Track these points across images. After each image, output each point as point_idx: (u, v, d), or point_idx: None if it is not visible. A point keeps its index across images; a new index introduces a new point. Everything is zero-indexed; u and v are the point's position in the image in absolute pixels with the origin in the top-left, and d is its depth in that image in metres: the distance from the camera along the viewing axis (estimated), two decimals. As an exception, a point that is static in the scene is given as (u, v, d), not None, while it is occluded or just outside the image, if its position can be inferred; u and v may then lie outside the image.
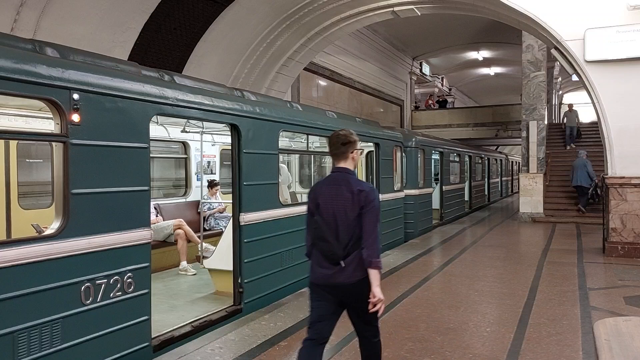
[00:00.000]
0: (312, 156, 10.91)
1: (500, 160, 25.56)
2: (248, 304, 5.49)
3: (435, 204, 13.76)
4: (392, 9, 12.58)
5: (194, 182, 8.65)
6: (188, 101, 4.64)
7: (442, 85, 30.30)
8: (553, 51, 9.51)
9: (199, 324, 4.93)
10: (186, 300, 5.85)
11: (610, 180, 8.70)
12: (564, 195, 15.47)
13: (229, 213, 7.69)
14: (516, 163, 31.23)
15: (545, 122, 16.21)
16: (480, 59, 26.23)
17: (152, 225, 5.42)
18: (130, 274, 3.96)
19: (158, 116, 4.77)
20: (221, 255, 5.96)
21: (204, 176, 8.58)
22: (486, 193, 21.62)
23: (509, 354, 4.26)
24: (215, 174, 9.14)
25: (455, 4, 11.81)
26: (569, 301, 5.89)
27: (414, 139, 11.93)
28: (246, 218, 5.46)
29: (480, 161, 20.06)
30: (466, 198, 17.67)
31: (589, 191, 14.02)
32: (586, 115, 21.50)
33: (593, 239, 10.63)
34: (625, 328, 3.16)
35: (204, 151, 8.48)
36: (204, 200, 7.95)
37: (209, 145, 8.86)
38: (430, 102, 26.99)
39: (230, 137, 5.54)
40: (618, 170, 8.62)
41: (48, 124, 5.23)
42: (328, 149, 3.37)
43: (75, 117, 3.52)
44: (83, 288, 3.58)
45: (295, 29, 12.86)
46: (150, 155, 4.26)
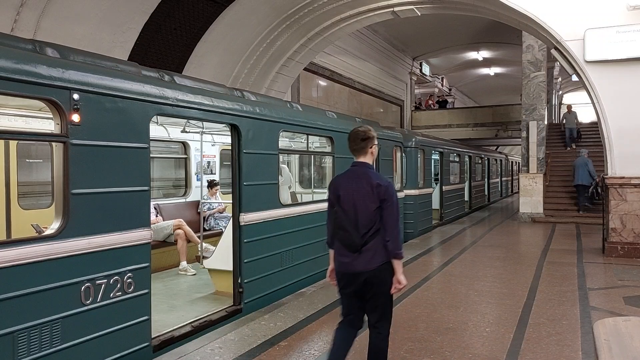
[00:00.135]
0: (312, 156, 10.89)
1: (500, 160, 25.56)
2: (248, 304, 5.50)
3: (435, 204, 13.77)
4: (392, 9, 12.58)
5: (194, 182, 8.65)
6: (188, 101, 4.65)
7: (442, 85, 30.31)
8: (553, 51, 9.51)
9: (199, 324, 4.93)
10: (186, 300, 5.85)
11: (610, 180, 8.69)
12: (563, 195, 15.47)
13: (228, 213, 7.70)
14: (516, 163, 31.23)
15: (545, 122, 16.21)
16: (480, 59, 26.23)
17: (152, 226, 5.43)
18: (130, 274, 3.96)
19: (158, 116, 4.77)
20: (221, 256, 5.97)
21: (204, 176, 8.59)
22: (486, 193, 21.63)
23: (509, 354, 4.27)
24: (215, 174, 9.15)
25: (455, 4, 11.81)
26: (568, 301, 5.90)
27: (413, 139, 11.94)
28: (246, 218, 5.46)
29: (480, 161, 20.06)
30: (466, 198, 17.67)
31: (589, 189, 14.02)
32: (586, 116, 21.51)
33: (593, 239, 10.63)
34: (624, 328, 3.16)
35: (204, 151, 8.48)
36: (203, 201, 7.95)
37: (208, 145, 8.87)
38: (430, 102, 26.99)
39: (230, 137, 5.55)
40: (618, 170, 8.62)
41: (48, 124, 5.23)
42: (348, 144, 3.56)
43: (76, 117, 3.52)
44: (83, 288, 3.59)
45: (295, 29, 12.86)
46: (150, 155, 4.26)
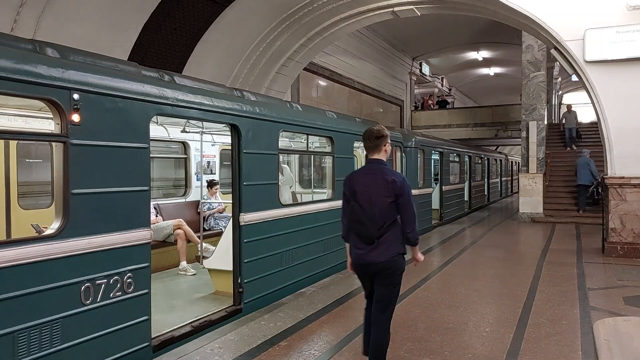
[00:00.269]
0: (312, 156, 10.89)
1: (500, 160, 25.57)
2: (248, 304, 5.50)
3: (435, 204, 13.78)
4: (392, 9, 12.58)
5: (194, 182, 8.65)
6: (188, 101, 4.65)
7: (442, 85, 30.30)
8: (553, 51, 9.51)
9: (199, 324, 4.94)
10: (186, 300, 5.85)
11: (610, 180, 8.69)
12: (563, 195, 15.47)
13: (228, 213, 7.70)
14: (516, 163, 31.23)
15: (545, 122, 16.21)
16: (480, 59, 26.23)
17: (152, 225, 5.42)
18: (130, 274, 3.96)
19: (158, 116, 4.78)
20: (221, 255, 5.97)
21: (204, 176, 8.59)
22: (486, 193, 21.63)
23: (508, 354, 4.27)
24: (215, 174, 9.15)
25: (455, 4, 11.81)
26: (568, 301, 5.90)
27: (413, 139, 11.94)
28: (246, 218, 5.47)
29: (479, 161, 20.06)
30: (466, 198, 17.68)
31: (590, 189, 14.03)
32: (586, 116, 21.50)
33: (592, 239, 10.62)
34: (624, 328, 3.16)
35: (203, 151, 8.48)
36: (203, 200, 7.95)
37: (208, 145, 8.87)
38: (430, 102, 26.99)
39: (230, 137, 5.55)
40: (617, 170, 8.62)
41: (48, 124, 5.23)
42: (363, 143, 3.79)
43: (76, 117, 3.53)
44: (83, 288, 3.59)
45: (295, 29, 12.86)
46: (150, 155, 4.26)
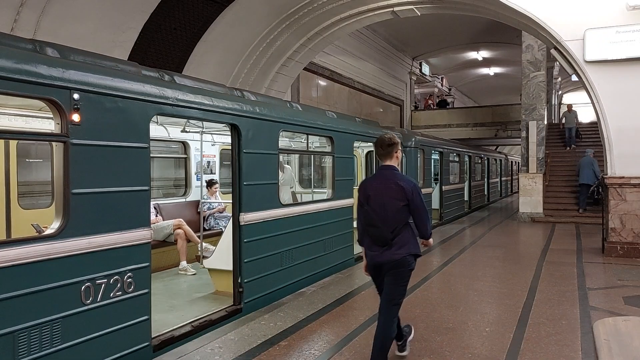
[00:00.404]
0: (312, 156, 10.89)
1: (500, 160, 25.57)
2: (248, 304, 5.50)
3: (435, 203, 13.78)
4: (392, 9, 12.59)
5: (194, 182, 8.65)
6: (188, 101, 4.65)
7: (442, 85, 30.31)
8: (553, 51, 9.51)
9: (199, 323, 4.94)
10: (186, 300, 5.86)
11: (610, 180, 8.69)
12: (563, 195, 15.47)
13: (228, 213, 7.70)
14: (516, 163, 31.23)
15: (545, 122, 16.21)
16: (480, 59, 26.23)
17: (152, 225, 5.43)
18: (130, 274, 3.96)
19: (158, 116, 4.78)
20: (221, 255, 5.97)
21: (204, 176, 8.59)
22: (486, 193, 21.63)
23: (508, 354, 4.27)
24: (215, 174, 9.15)
25: (455, 4, 11.81)
26: (568, 301, 5.90)
27: (413, 139, 11.93)
28: (246, 218, 5.47)
29: (479, 161, 20.06)
30: (466, 198, 17.67)
31: (591, 188, 14.04)
32: (586, 116, 21.51)
33: (592, 239, 10.63)
34: (624, 328, 3.16)
35: (203, 151, 8.48)
36: (203, 200, 7.95)
37: (208, 145, 8.87)
38: (429, 102, 26.99)
39: (230, 137, 5.55)
40: (617, 170, 8.62)
41: (48, 124, 5.24)
42: (375, 150, 3.94)
43: (76, 117, 3.53)
44: (83, 288, 3.59)
45: (295, 29, 12.86)
46: (150, 155, 4.27)
